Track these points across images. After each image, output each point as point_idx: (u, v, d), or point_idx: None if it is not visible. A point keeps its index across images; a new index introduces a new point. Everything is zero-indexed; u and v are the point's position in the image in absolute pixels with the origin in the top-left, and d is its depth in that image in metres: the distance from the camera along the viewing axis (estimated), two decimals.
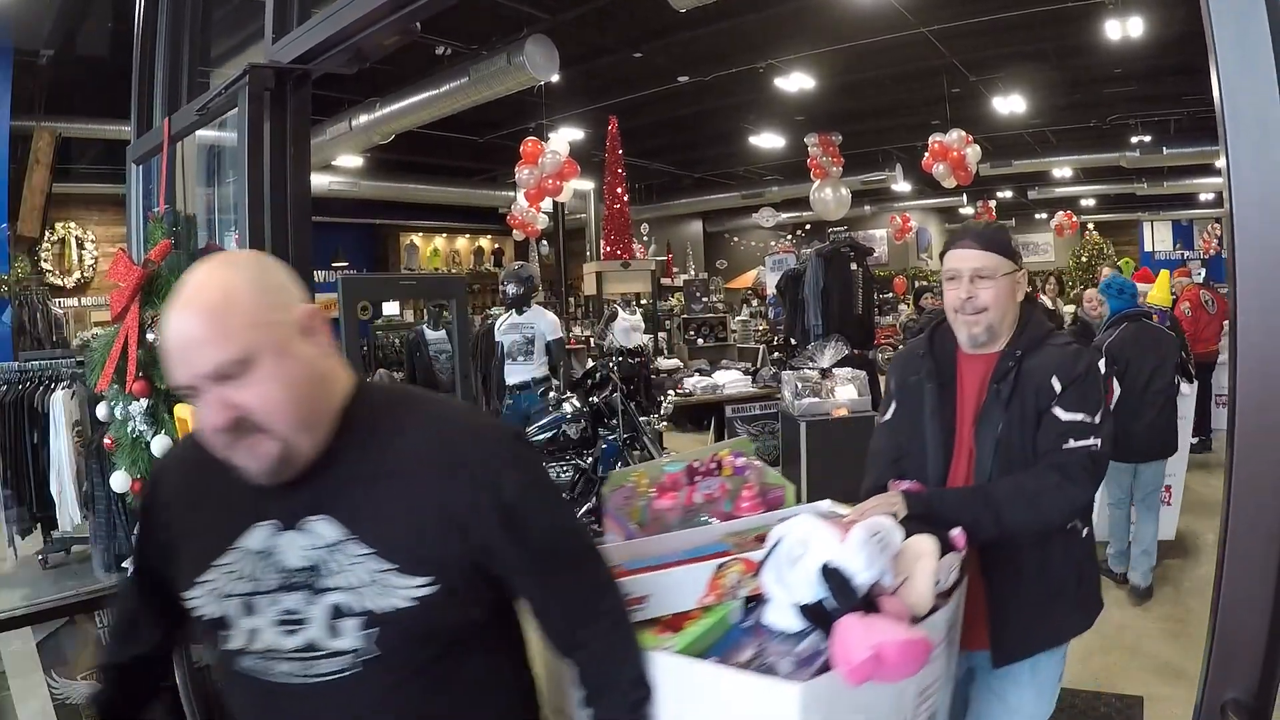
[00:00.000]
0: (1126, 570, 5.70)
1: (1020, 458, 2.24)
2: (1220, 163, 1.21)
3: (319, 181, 14.53)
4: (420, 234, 21.78)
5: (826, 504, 2.34)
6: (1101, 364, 5.19)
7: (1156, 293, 7.32)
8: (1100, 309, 6.94)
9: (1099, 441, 2.19)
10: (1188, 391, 6.31)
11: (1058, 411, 2.21)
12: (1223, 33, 1.20)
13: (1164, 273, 8.10)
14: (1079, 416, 2.19)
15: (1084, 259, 22.63)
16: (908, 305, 19.02)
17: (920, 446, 2.40)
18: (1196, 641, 4.70)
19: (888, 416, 2.54)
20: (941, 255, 2.48)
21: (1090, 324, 7.67)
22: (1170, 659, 4.64)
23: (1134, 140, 15.55)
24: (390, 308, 19.15)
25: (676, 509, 2.37)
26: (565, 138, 12.52)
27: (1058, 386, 2.22)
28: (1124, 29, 9.84)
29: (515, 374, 7.49)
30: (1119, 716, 4.15)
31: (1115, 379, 5.41)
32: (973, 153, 13.44)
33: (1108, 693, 4.34)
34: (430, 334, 8.81)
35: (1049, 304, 9.69)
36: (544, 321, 7.58)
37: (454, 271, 21.76)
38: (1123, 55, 11.36)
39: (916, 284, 20.77)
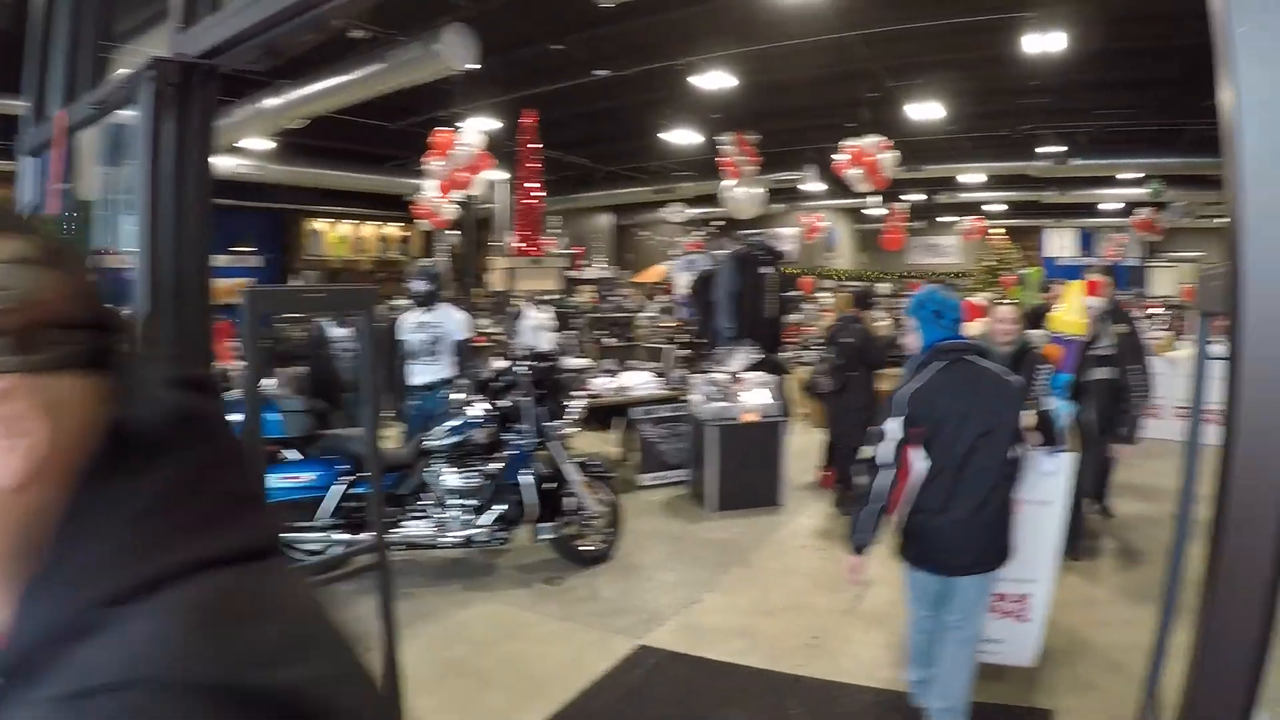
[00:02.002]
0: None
1: None
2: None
3: (224, 164, 14.08)
4: (326, 220, 21.35)
5: None
6: (893, 425, 3.80)
7: (1067, 316, 6.02)
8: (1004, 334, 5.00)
9: None
10: (1051, 469, 4.47)
11: None
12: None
13: (1073, 285, 6.42)
14: None
15: (991, 263, 23.13)
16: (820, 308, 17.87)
17: None
18: (1103, 652, 4.75)
19: None
20: None
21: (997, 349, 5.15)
22: (1079, 672, 4.67)
23: (1042, 150, 15.92)
24: None
25: None
26: (480, 127, 12.32)
27: None
28: (1044, 43, 10.07)
29: (421, 374, 7.29)
30: None
31: (924, 447, 3.78)
32: (888, 158, 13.55)
33: (1017, 705, 4.34)
34: (332, 331, 8.45)
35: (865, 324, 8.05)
36: (452, 320, 7.39)
37: (360, 259, 21.43)
38: (1041, 68, 11.61)
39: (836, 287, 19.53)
